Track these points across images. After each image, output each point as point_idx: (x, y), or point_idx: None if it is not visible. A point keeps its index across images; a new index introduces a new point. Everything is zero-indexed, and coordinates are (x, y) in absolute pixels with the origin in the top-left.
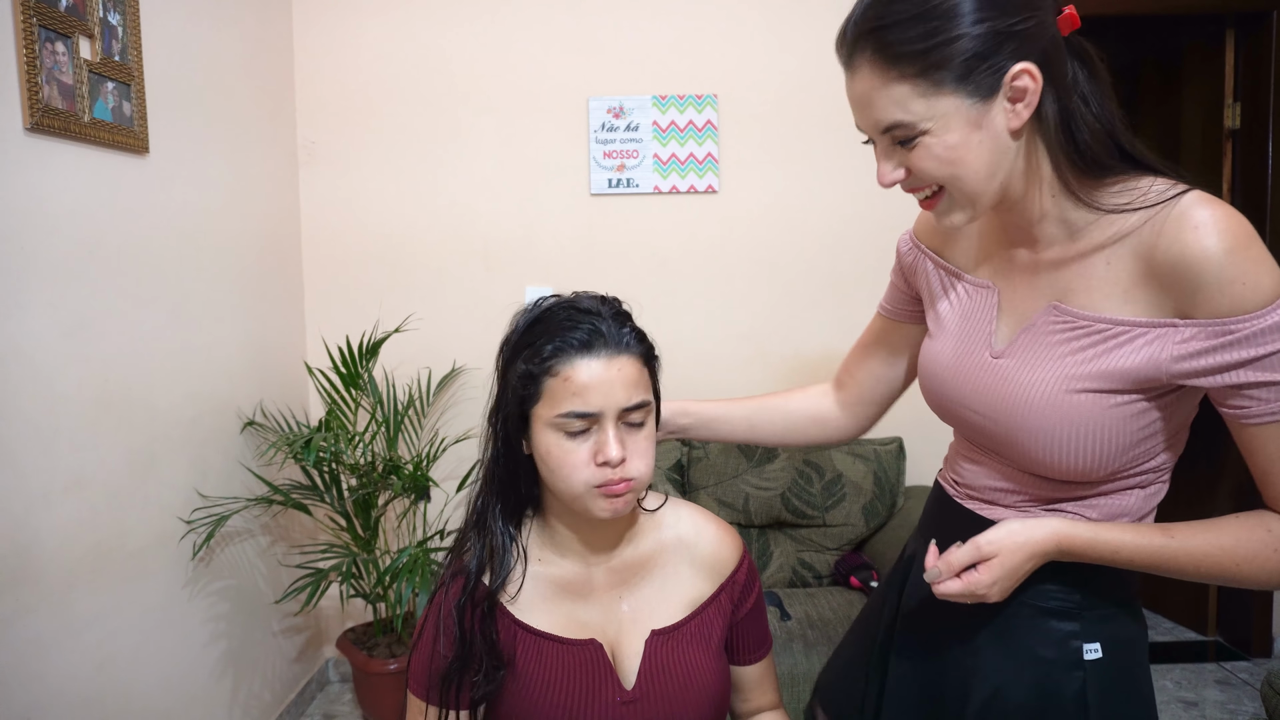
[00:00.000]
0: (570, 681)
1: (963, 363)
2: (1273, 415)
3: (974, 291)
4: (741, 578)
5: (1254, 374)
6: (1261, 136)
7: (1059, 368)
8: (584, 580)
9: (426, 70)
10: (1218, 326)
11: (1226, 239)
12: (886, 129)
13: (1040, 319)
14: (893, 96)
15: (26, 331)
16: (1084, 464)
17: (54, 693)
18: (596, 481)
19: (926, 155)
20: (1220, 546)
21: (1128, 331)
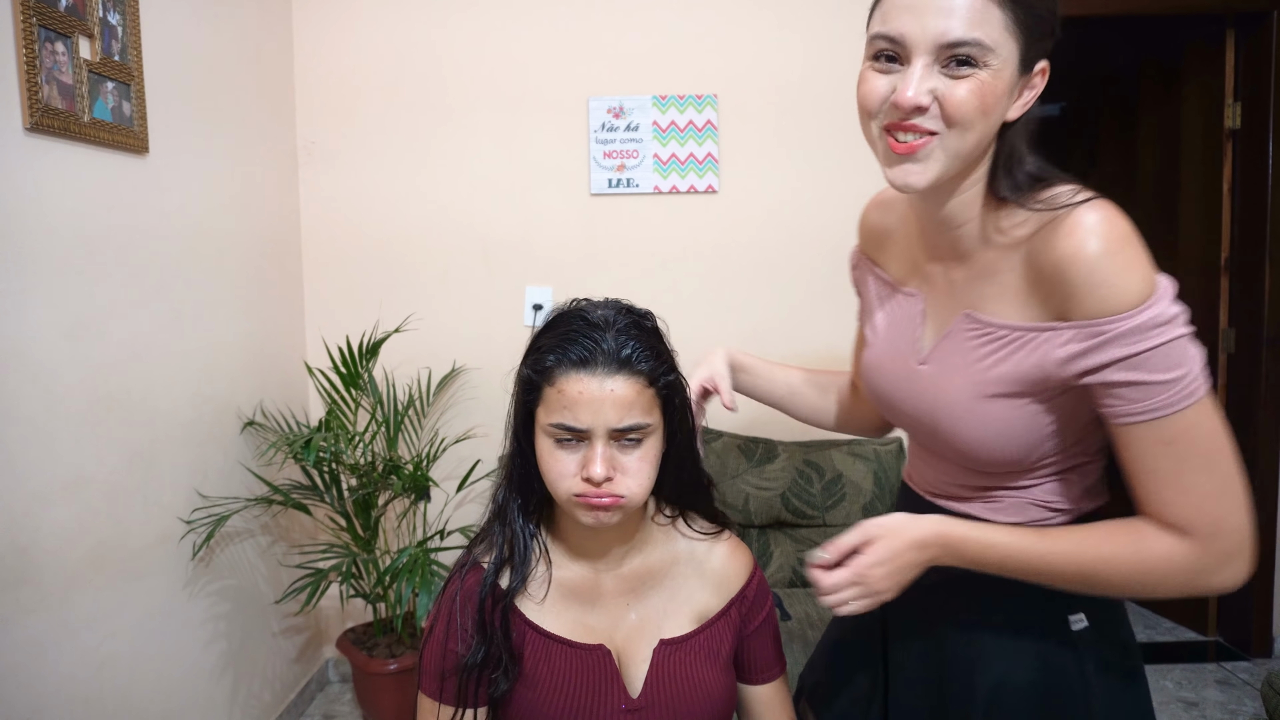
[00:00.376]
0: (576, 685)
1: (895, 369)
2: (1137, 415)
3: (903, 301)
4: (751, 594)
5: (1121, 374)
6: (1261, 136)
7: (972, 375)
8: (592, 585)
9: (426, 70)
10: (1091, 328)
11: (1100, 243)
12: (959, 43)
13: (956, 327)
14: (989, 16)
15: (26, 331)
16: (1006, 457)
17: (54, 693)
18: (578, 492)
19: (971, 92)
20: (1084, 549)
21: (1023, 336)
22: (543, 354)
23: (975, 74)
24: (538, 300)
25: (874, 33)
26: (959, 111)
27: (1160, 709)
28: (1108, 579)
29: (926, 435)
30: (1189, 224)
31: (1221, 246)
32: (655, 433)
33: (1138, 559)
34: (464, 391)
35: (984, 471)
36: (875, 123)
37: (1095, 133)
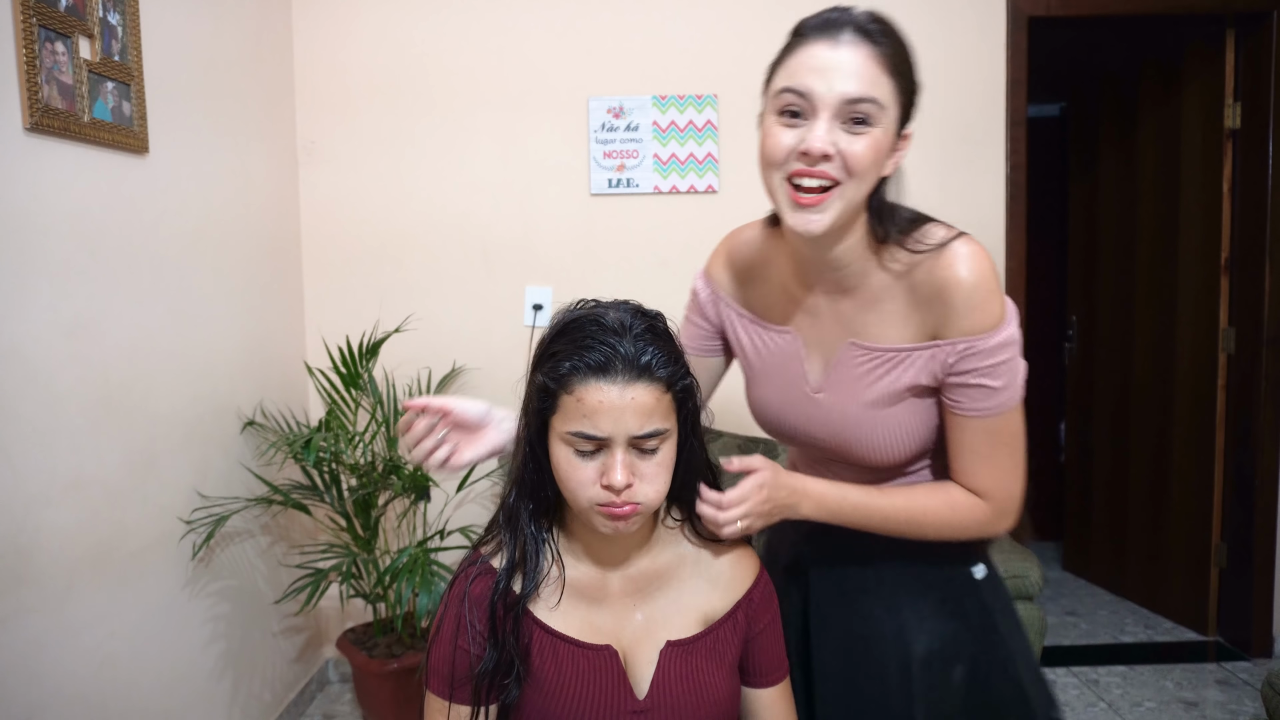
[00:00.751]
0: (583, 686)
1: (790, 400)
2: (978, 412)
3: (780, 339)
4: (758, 595)
5: (975, 379)
6: (1261, 136)
7: (868, 393)
8: (599, 586)
9: (426, 70)
10: (965, 344)
11: (973, 273)
12: (860, 99)
13: (843, 355)
14: (876, 82)
15: (26, 331)
16: (900, 454)
17: (54, 693)
18: (599, 500)
19: (864, 147)
20: (912, 503)
21: (909, 354)
22: (558, 361)
23: (870, 130)
24: (538, 300)
25: (783, 87)
26: (858, 163)
27: (1160, 709)
28: (927, 525)
29: (828, 447)
30: (1189, 224)
31: (1221, 246)
32: (672, 437)
33: (950, 511)
34: (464, 391)
35: (877, 470)
36: (779, 173)
37: (1095, 133)
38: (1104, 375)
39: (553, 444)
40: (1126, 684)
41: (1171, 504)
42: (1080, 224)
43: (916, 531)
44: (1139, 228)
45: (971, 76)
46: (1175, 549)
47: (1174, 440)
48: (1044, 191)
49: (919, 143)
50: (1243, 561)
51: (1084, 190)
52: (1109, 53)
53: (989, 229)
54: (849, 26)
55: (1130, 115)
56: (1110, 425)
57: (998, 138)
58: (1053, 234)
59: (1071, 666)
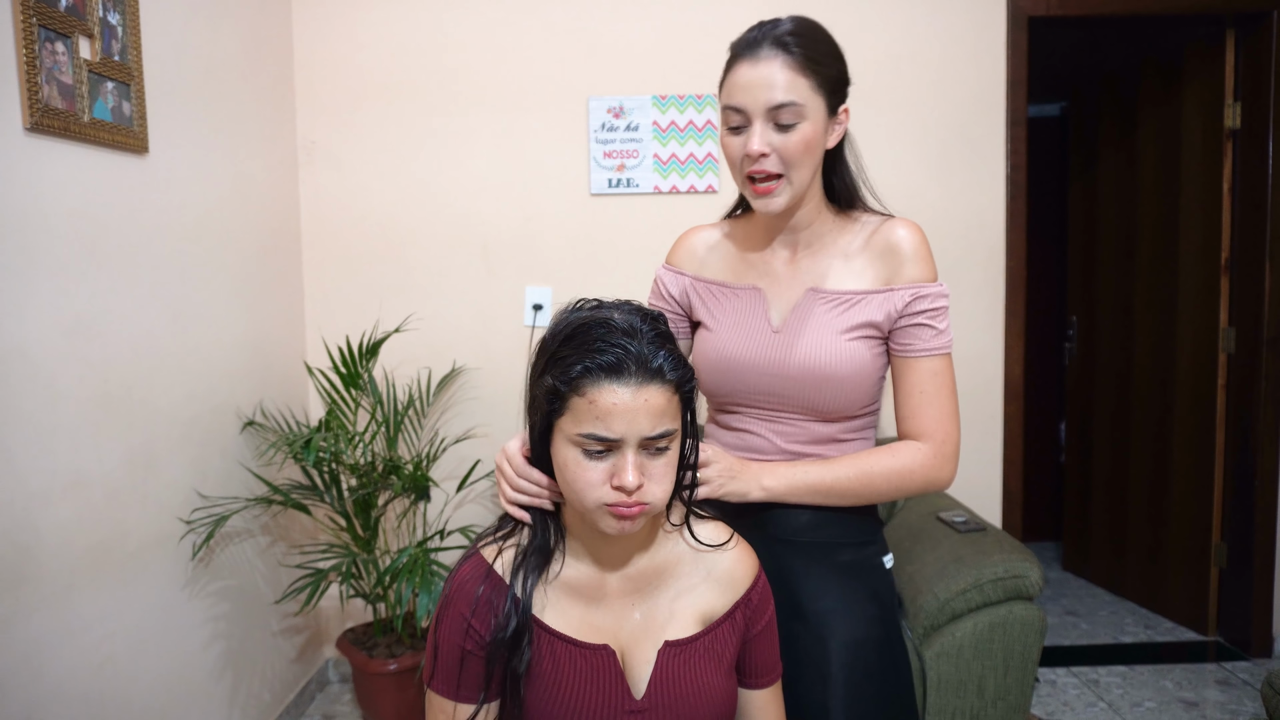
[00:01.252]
0: (580, 685)
1: (748, 342)
2: (923, 351)
3: (742, 294)
4: (756, 596)
5: (924, 320)
6: (1261, 136)
7: (829, 325)
8: (597, 585)
9: (426, 70)
10: (914, 289)
11: (918, 236)
12: (781, 105)
13: (804, 300)
14: (794, 84)
15: (26, 331)
16: (853, 392)
17: (54, 693)
18: (608, 501)
19: (795, 140)
20: (859, 462)
21: (865, 297)
22: (569, 363)
23: (798, 126)
24: (538, 300)
25: (724, 105)
26: (792, 155)
27: (1160, 709)
28: (877, 477)
29: (781, 391)
30: (1189, 224)
31: (1221, 246)
32: (678, 436)
33: (896, 464)
34: (464, 391)
35: (825, 412)
36: (739, 173)
37: (1095, 133)
38: (1104, 375)
39: (559, 446)
40: (1126, 684)
41: (1171, 504)
42: (1080, 224)
43: (869, 489)
44: (1139, 228)
45: (971, 76)
46: (1175, 549)
47: (1174, 440)
48: (1044, 191)
49: (919, 143)
50: (1243, 561)
51: (1084, 190)
52: (1109, 53)
53: (989, 229)
54: (765, 42)
55: (1130, 115)
56: (1110, 425)
57: (998, 138)
58: (1053, 234)
59: (1071, 666)
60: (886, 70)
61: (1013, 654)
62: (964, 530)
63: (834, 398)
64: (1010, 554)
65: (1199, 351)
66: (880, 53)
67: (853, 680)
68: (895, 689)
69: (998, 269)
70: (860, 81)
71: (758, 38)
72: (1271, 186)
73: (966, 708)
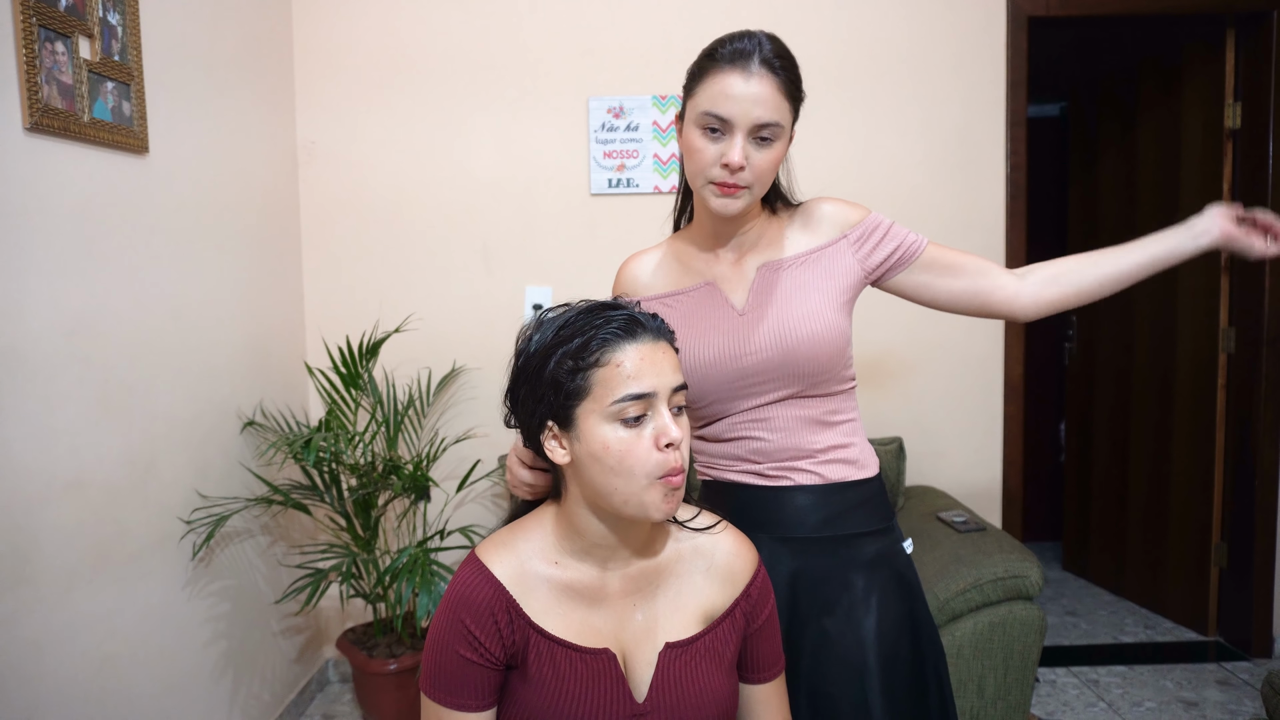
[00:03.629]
0: (581, 690)
1: (716, 333)
2: (917, 247)
3: (697, 294)
4: (756, 591)
5: (889, 242)
6: (1261, 136)
7: (790, 290)
8: (598, 586)
9: (427, 69)
10: (858, 228)
11: (834, 201)
12: (767, 124)
13: (759, 279)
14: (781, 108)
15: (26, 331)
16: (828, 347)
17: (54, 693)
18: (661, 471)
19: (770, 156)
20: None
21: (817, 252)
22: (577, 345)
23: (773, 144)
24: (538, 300)
25: (705, 110)
26: (764, 172)
27: (1160, 709)
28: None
29: (769, 361)
30: None
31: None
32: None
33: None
34: (464, 391)
35: (805, 394)
36: (703, 177)
37: (1095, 133)
38: (1104, 375)
39: (589, 432)
40: (1126, 684)
41: (1171, 504)
42: (1080, 224)
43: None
44: (1139, 228)
45: (971, 76)
46: (1175, 549)
47: (1174, 440)
48: (1044, 191)
49: (919, 142)
50: (1243, 561)
51: (1084, 190)
52: (1109, 52)
53: (989, 229)
54: (757, 59)
55: (1130, 115)
56: (1110, 425)
57: (998, 138)
58: (1053, 234)
59: (1071, 666)
60: (886, 70)
61: (1013, 654)
62: (964, 530)
63: (809, 362)
64: (1010, 554)
65: (1199, 351)
66: (880, 53)
67: (888, 672)
68: (933, 676)
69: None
70: (860, 82)
71: (748, 50)
72: (1271, 186)
73: (966, 708)
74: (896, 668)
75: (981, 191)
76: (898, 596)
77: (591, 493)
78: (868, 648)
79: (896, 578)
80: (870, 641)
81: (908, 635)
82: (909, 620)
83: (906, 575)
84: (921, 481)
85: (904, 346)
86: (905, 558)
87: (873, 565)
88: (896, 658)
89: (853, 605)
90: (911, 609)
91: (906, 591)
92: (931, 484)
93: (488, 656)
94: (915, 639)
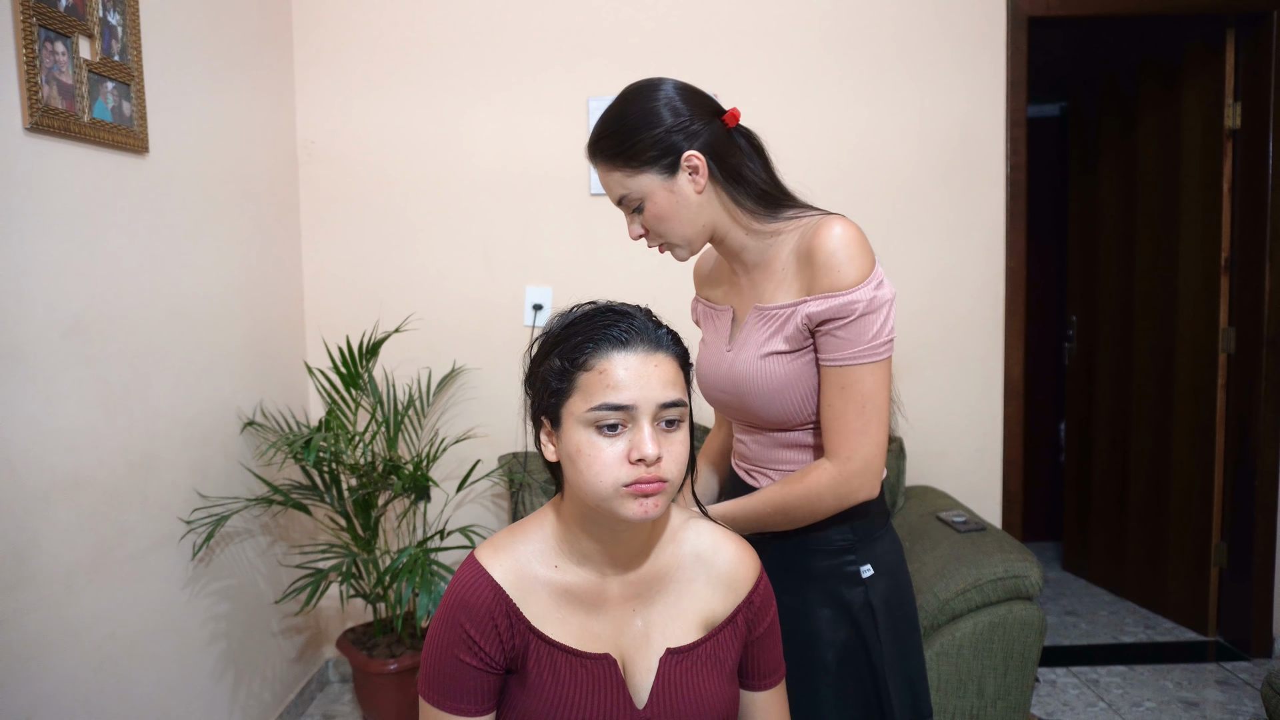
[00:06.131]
0: (581, 696)
1: (714, 361)
2: (830, 361)
3: (721, 313)
4: (758, 599)
5: (832, 327)
6: (1261, 136)
7: (754, 343)
8: (598, 591)
9: (426, 69)
10: (821, 300)
11: (837, 242)
12: (619, 200)
13: (749, 318)
14: (615, 179)
15: (26, 331)
16: (781, 408)
17: (54, 693)
18: (627, 480)
19: (650, 216)
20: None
21: (788, 310)
22: (574, 343)
23: (644, 206)
24: (538, 300)
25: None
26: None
27: (1160, 709)
28: (793, 506)
29: (734, 407)
30: (1189, 224)
31: (1221, 246)
32: (688, 415)
33: (803, 489)
34: (464, 391)
35: (772, 427)
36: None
37: (1095, 133)
38: (1104, 375)
39: (568, 433)
40: (1126, 684)
41: (1171, 504)
42: (1080, 224)
43: (788, 516)
44: (1139, 228)
45: (971, 76)
46: (1175, 549)
47: (1174, 440)
48: (1044, 191)
49: (919, 143)
50: (1243, 561)
51: (1084, 190)
52: (1109, 53)
53: (989, 229)
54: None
55: (1130, 115)
56: (1110, 425)
57: (998, 138)
58: (1053, 234)
59: (1071, 666)
60: (886, 71)
61: (1012, 654)
62: (964, 530)
63: (766, 411)
64: (1010, 554)
65: (1199, 351)
66: (880, 52)
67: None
68: (866, 696)
69: (998, 269)
70: (860, 82)
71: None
72: (1271, 186)
73: (966, 707)
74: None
75: (981, 191)
76: (830, 612)
77: (574, 492)
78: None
79: (830, 595)
80: (797, 646)
81: (837, 651)
82: (842, 639)
83: (849, 596)
84: (921, 481)
85: (904, 346)
86: (858, 580)
87: (817, 577)
88: (824, 668)
89: (785, 611)
90: (845, 628)
91: (840, 610)
92: (931, 484)
93: (487, 661)
94: (846, 656)
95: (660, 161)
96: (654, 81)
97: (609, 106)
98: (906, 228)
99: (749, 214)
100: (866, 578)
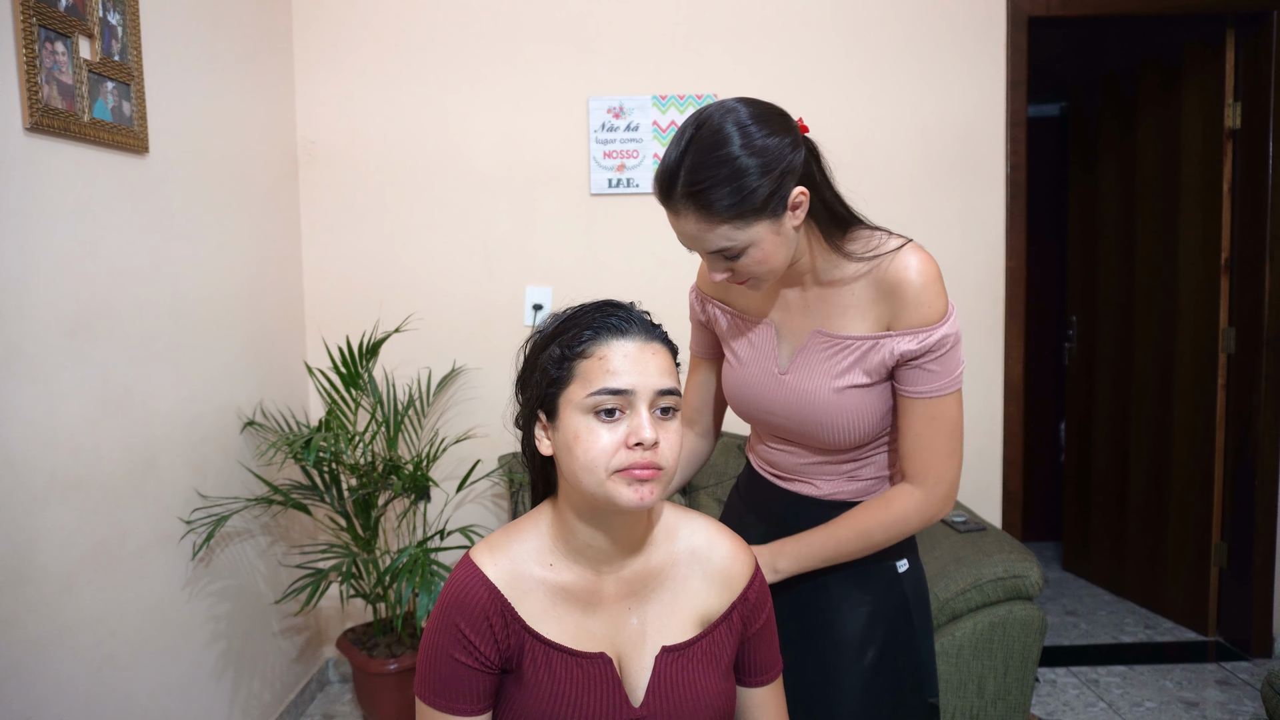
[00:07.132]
0: (577, 695)
1: (760, 381)
2: (919, 394)
3: (759, 328)
4: (753, 595)
5: (923, 362)
6: (1261, 136)
7: (827, 373)
8: (593, 590)
9: (425, 68)
10: (914, 335)
11: (923, 276)
12: (717, 251)
13: (810, 342)
14: (719, 234)
15: (26, 331)
16: (854, 438)
17: (54, 693)
18: (622, 465)
19: (749, 263)
20: (857, 521)
21: (865, 343)
22: (573, 333)
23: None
24: (538, 300)
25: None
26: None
27: (1160, 709)
28: (875, 531)
29: (787, 429)
30: (1189, 224)
31: (1221, 246)
32: (680, 408)
33: (890, 515)
34: (464, 391)
35: (835, 451)
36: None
37: (1095, 133)
38: (1104, 375)
39: (566, 421)
40: (1126, 684)
41: (1171, 504)
42: (1080, 224)
43: (870, 543)
44: (1139, 228)
45: (971, 76)
46: (1175, 549)
47: (1174, 440)
48: (1044, 191)
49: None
50: (1243, 561)
51: (1084, 190)
52: (1109, 53)
53: (989, 229)
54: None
55: (1130, 115)
56: (1110, 425)
57: (998, 138)
58: (1053, 234)
59: (1071, 666)
60: (886, 71)
61: (1012, 654)
62: (964, 530)
63: (833, 438)
64: (1010, 554)
65: (1199, 351)
66: (880, 52)
67: (850, 678)
68: (903, 684)
69: (998, 269)
70: (860, 81)
71: (662, 184)
72: (1271, 186)
73: (966, 707)
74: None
75: (981, 191)
76: (867, 606)
77: (569, 485)
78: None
79: (865, 588)
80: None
81: (877, 647)
82: (879, 633)
83: (884, 590)
84: None
85: None
86: (894, 575)
87: (850, 574)
88: (868, 666)
89: (825, 609)
90: (883, 621)
91: (879, 602)
92: None
93: (482, 660)
94: (885, 651)
95: (771, 205)
96: (729, 109)
97: (688, 150)
98: (906, 227)
99: (826, 235)
100: (902, 573)
